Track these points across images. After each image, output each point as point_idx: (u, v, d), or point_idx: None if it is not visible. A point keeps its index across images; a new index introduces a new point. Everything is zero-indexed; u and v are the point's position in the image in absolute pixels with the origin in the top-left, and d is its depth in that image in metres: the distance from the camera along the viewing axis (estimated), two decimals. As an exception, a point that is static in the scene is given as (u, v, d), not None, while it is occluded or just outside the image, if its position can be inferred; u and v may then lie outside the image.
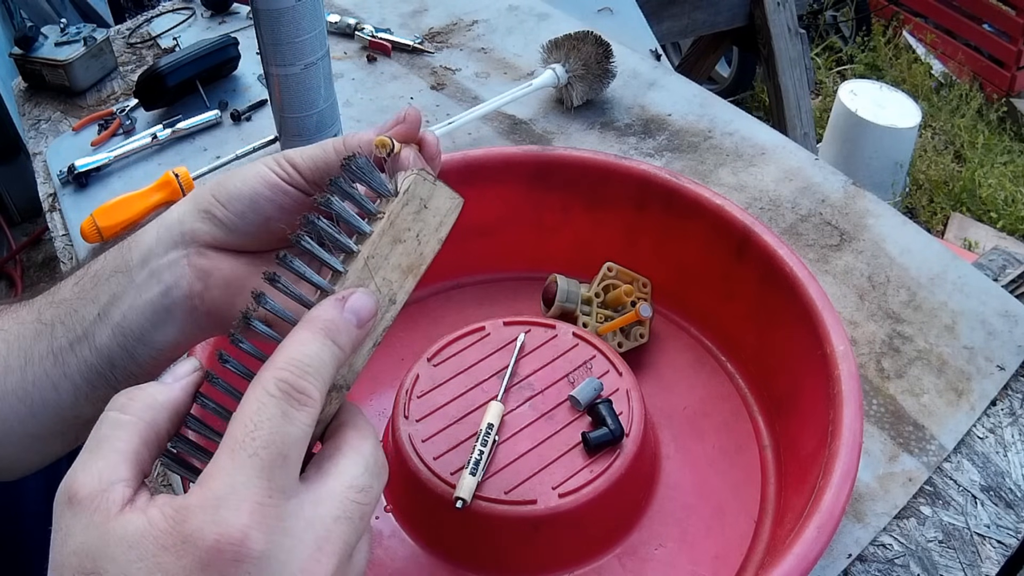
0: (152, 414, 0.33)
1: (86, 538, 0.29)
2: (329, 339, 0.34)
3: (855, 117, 2.19)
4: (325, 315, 0.35)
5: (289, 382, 0.32)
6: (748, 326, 0.64)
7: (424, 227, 0.38)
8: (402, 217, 0.38)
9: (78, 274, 0.45)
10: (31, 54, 1.05)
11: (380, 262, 0.37)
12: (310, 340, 0.34)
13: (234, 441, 0.30)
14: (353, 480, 0.33)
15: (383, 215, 0.38)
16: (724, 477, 0.60)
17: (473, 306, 0.71)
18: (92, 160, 0.92)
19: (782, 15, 2.11)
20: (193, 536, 0.28)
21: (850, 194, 0.82)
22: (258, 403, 0.31)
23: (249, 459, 0.30)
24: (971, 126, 2.60)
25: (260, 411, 0.31)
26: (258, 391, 0.32)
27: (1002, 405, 0.65)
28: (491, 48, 1.08)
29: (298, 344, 0.33)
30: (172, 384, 0.35)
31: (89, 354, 0.43)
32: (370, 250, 0.37)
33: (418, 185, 0.38)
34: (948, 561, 0.56)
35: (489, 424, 0.55)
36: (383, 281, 0.37)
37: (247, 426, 0.31)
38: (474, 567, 0.55)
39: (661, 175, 0.67)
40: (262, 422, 0.31)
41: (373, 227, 0.37)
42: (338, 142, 0.43)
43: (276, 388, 0.32)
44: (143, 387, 0.34)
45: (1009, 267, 0.78)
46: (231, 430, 0.31)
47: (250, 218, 0.43)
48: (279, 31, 0.76)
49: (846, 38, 3.01)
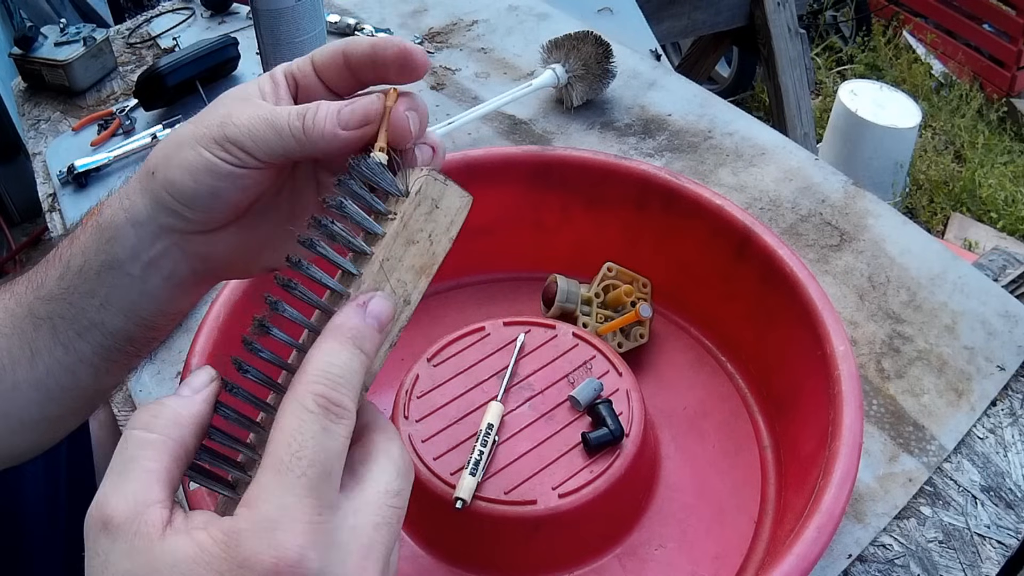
0: (179, 431, 0.32)
1: (132, 564, 0.29)
2: (357, 347, 0.34)
3: (855, 117, 2.19)
4: (350, 323, 0.34)
5: (326, 396, 0.32)
6: (748, 326, 0.64)
7: (436, 227, 0.38)
8: (415, 218, 0.37)
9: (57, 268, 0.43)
10: (31, 54, 1.05)
11: (395, 264, 0.37)
12: (340, 350, 0.33)
13: (279, 462, 0.30)
14: (388, 485, 0.33)
15: (395, 216, 0.37)
16: (724, 477, 0.60)
17: (473, 306, 0.71)
18: (92, 160, 0.92)
19: (782, 15, 2.11)
20: (250, 560, 0.28)
21: (850, 194, 0.82)
22: (298, 420, 0.31)
23: (297, 479, 0.30)
24: (971, 126, 2.60)
25: (302, 429, 0.31)
26: (296, 408, 0.31)
27: (1002, 405, 0.65)
28: (491, 48, 1.08)
29: (328, 355, 0.33)
30: (192, 397, 0.34)
31: (103, 338, 0.43)
32: (385, 252, 0.37)
33: (430, 186, 0.38)
34: (948, 561, 0.56)
35: (489, 424, 0.55)
36: (398, 282, 0.37)
37: (291, 446, 0.30)
38: (474, 567, 0.55)
39: (661, 175, 0.66)
40: (306, 441, 0.31)
41: (385, 228, 0.37)
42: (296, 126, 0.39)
43: (314, 404, 0.31)
44: (164, 403, 0.33)
45: (1009, 267, 0.78)
46: (274, 450, 0.31)
47: (217, 205, 0.41)
48: (279, 31, 0.76)
49: (846, 38, 3.01)
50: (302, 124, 0.39)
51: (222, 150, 0.39)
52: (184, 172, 0.39)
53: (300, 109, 0.39)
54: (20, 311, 0.44)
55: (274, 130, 0.39)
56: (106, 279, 0.42)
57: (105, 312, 0.43)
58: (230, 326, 0.57)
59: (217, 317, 0.57)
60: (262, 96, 0.41)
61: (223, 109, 0.40)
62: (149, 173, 0.41)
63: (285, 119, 0.39)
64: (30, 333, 0.44)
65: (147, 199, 0.41)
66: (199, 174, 0.39)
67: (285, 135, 0.39)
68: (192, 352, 0.55)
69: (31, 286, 0.44)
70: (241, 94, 0.41)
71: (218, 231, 0.42)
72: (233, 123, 0.39)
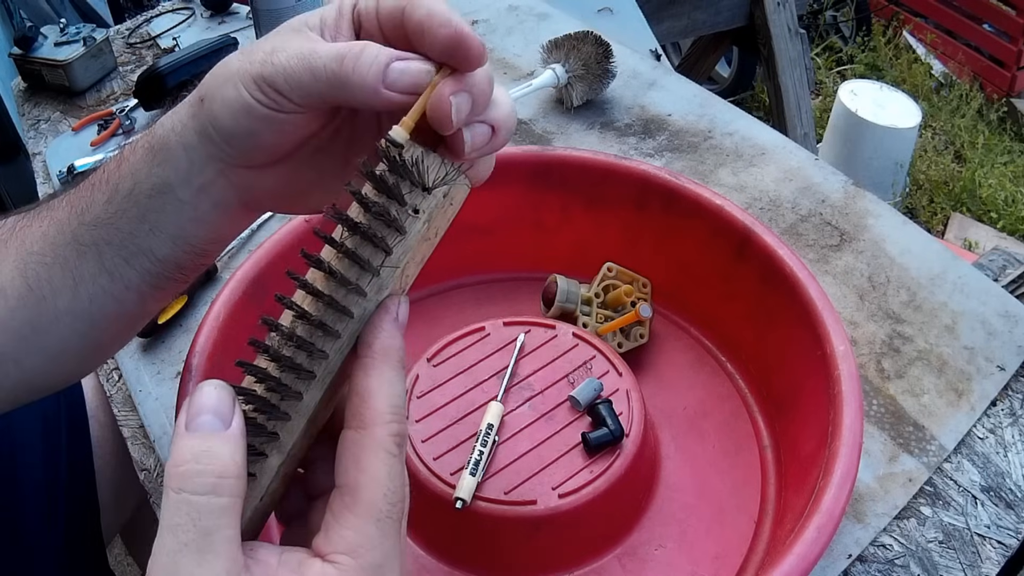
0: (241, 485, 0.30)
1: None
2: (402, 366, 0.34)
3: (855, 117, 2.19)
4: (395, 343, 0.34)
5: (400, 433, 0.32)
6: (748, 326, 0.64)
7: (443, 222, 0.36)
8: (436, 218, 0.35)
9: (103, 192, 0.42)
10: (31, 54, 1.05)
11: (409, 261, 0.35)
12: (395, 379, 0.33)
13: (376, 510, 0.31)
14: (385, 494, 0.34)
15: (416, 213, 0.34)
16: (724, 477, 0.60)
17: (473, 306, 0.71)
18: (92, 160, 0.92)
19: (782, 15, 2.11)
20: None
21: (850, 194, 0.82)
22: (387, 467, 0.32)
23: (396, 524, 0.31)
24: (971, 126, 2.60)
25: (392, 476, 0.32)
26: (381, 454, 0.32)
27: (1002, 405, 0.65)
28: (491, 48, 1.08)
29: (390, 386, 0.33)
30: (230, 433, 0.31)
31: (152, 265, 0.42)
32: (410, 255, 0.34)
33: (457, 189, 0.36)
34: (948, 561, 0.56)
35: (489, 424, 0.55)
36: (406, 278, 0.36)
37: (387, 496, 0.31)
38: (474, 567, 0.55)
39: (661, 175, 0.66)
40: (397, 488, 0.32)
41: (407, 225, 0.34)
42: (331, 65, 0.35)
43: (394, 446, 0.32)
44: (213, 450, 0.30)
45: (1009, 267, 0.78)
46: (366, 496, 0.31)
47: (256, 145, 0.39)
48: (279, 31, 0.75)
49: (846, 38, 3.01)
50: (339, 67, 0.35)
51: (258, 90, 0.36)
52: (224, 108, 0.37)
53: (341, 48, 0.35)
54: (62, 238, 0.42)
55: (310, 71, 0.35)
56: (156, 203, 0.41)
57: (154, 238, 0.41)
58: (230, 326, 0.57)
59: (217, 317, 0.57)
60: (321, 27, 0.37)
61: (275, 40, 0.37)
62: (199, 99, 0.39)
63: (322, 59, 0.35)
64: (73, 261, 0.42)
65: (195, 124, 0.39)
66: (237, 114, 0.37)
67: (320, 77, 0.35)
68: (192, 352, 0.55)
69: (74, 211, 0.42)
70: (298, 24, 0.38)
71: (264, 168, 0.41)
72: (272, 61, 0.36)
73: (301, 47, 0.36)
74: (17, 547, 0.68)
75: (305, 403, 0.34)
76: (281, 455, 0.34)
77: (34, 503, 0.70)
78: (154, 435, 0.66)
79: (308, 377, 0.34)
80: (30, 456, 0.71)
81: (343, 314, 0.34)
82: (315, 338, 0.34)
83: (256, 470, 0.33)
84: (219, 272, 0.79)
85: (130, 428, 0.70)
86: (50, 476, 0.72)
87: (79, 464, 0.75)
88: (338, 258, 0.34)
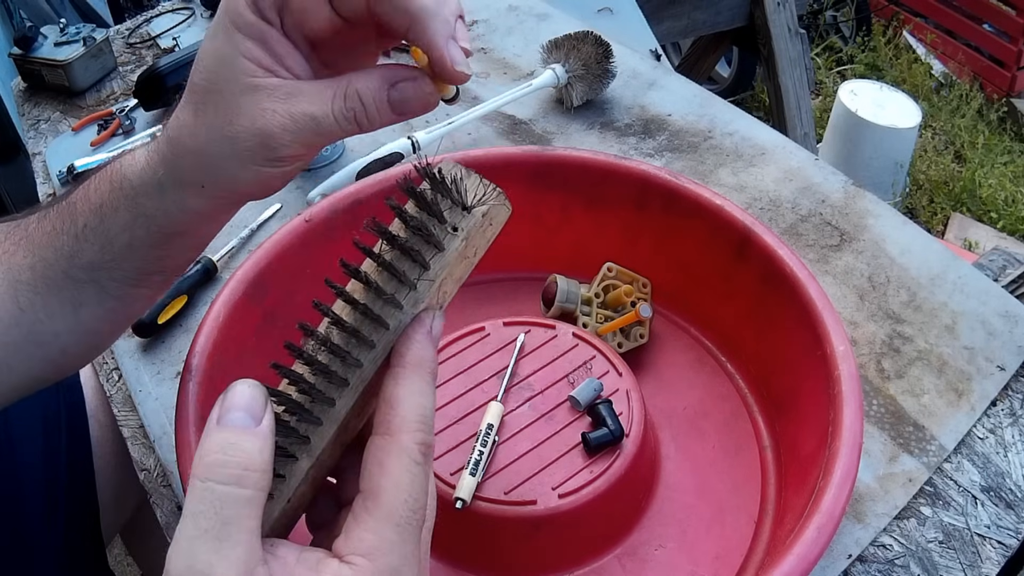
0: (265, 480, 0.31)
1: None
2: (433, 379, 0.35)
3: (855, 117, 2.19)
4: (428, 355, 0.35)
5: (426, 443, 0.33)
6: (748, 326, 0.64)
7: (482, 242, 0.37)
8: (474, 237, 0.36)
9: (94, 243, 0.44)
10: (30, 54, 1.05)
11: (447, 277, 0.36)
12: (426, 389, 0.34)
13: (396, 515, 0.32)
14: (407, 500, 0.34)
15: (454, 231, 0.35)
16: (724, 477, 0.60)
17: (473, 306, 0.71)
18: (92, 160, 0.91)
19: (782, 15, 2.11)
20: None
21: (850, 194, 0.82)
22: (410, 475, 0.32)
23: (415, 530, 0.32)
24: (971, 126, 2.60)
25: (414, 483, 0.32)
26: (406, 461, 0.32)
27: (1002, 406, 0.65)
28: (491, 48, 1.08)
29: (420, 396, 0.34)
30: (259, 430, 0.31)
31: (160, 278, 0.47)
32: (447, 271, 0.35)
33: (497, 211, 0.37)
34: (948, 562, 0.56)
35: (489, 424, 0.55)
36: (443, 295, 0.37)
37: (408, 502, 0.32)
38: (474, 567, 0.55)
39: (661, 175, 0.66)
40: (420, 495, 0.32)
41: (446, 242, 0.35)
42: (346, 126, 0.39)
43: (420, 454, 0.33)
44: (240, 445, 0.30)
45: (1009, 267, 0.78)
46: (387, 500, 0.32)
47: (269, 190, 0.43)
48: (279, 31, 0.75)
49: (846, 38, 3.01)
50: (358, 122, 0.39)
51: (278, 163, 0.40)
52: (244, 184, 0.41)
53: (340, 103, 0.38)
54: (53, 274, 0.45)
55: (324, 135, 0.39)
56: (161, 249, 0.44)
57: (162, 262, 0.45)
58: (230, 326, 0.57)
59: (217, 317, 0.57)
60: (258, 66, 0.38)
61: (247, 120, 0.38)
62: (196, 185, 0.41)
63: (334, 126, 0.38)
64: (70, 291, 0.45)
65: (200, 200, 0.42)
66: (256, 185, 0.41)
67: (340, 135, 0.39)
68: (192, 352, 0.55)
69: (61, 255, 0.44)
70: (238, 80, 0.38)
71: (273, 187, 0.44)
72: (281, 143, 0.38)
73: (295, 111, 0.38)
74: (17, 547, 0.68)
75: (337, 409, 0.34)
76: (311, 459, 0.34)
77: (34, 503, 0.70)
78: (154, 435, 0.66)
79: (341, 384, 0.34)
80: (30, 456, 0.71)
81: (379, 324, 0.35)
82: (350, 346, 0.35)
83: (285, 471, 0.34)
84: (219, 272, 0.79)
85: (130, 428, 0.70)
86: (50, 476, 0.72)
87: (79, 464, 0.75)
88: (377, 270, 0.35)
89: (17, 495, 0.69)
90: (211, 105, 0.39)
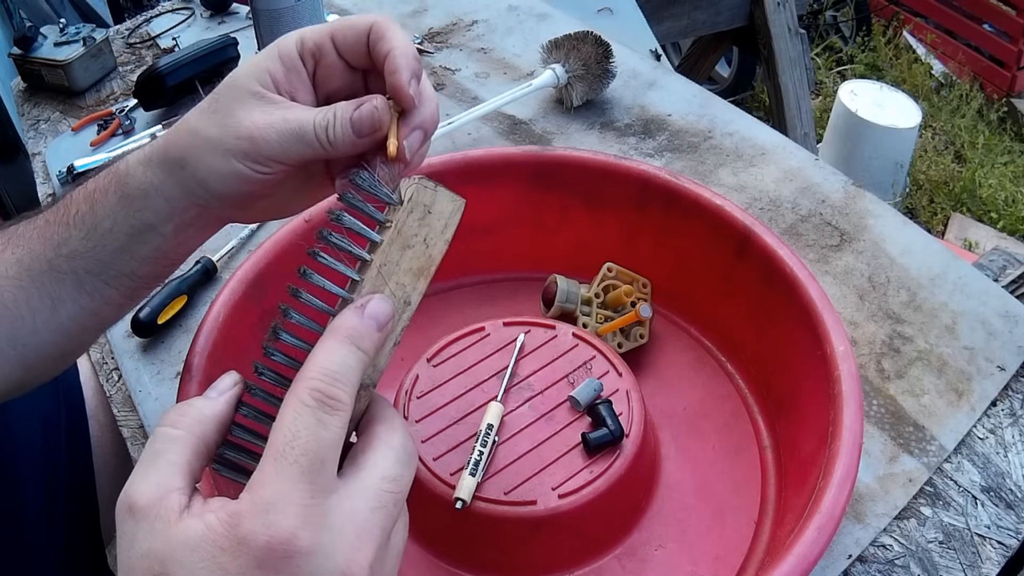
0: (201, 427, 0.36)
1: (151, 543, 0.32)
2: (354, 345, 0.36)
3: (855, 117, 2.19)
4: (348, 323, 0.37)
5: (321, 391, 0.34)
6: (748, 326, 0.64)
7: (430, 231, 0.41)
8: (408, 224, 0.40)
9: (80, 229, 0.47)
10: (30, 54, 1.05)
11: (392, 268, 0.40)
12: (337, 348, 0.36)
13: (276, 451, 0.33)
14: (385, 471, 0.35)
15: (391, 223, 0.40)
16: (724, 477, 0.60)
17: (473, 306, 0.71)
18: (91, 160, 0.91)
19: (782, 15, 2.11)
20: (247, 538, 0.31)
21: (850, 194, 0.82)
22: (294, 413, 0.34)
23: (291, 466, 0.32)
24: (971, 126, 2.60)
25: (297, 421, 0.33)
26: (294, 402, 0.34)
27: (1002, 406, 0.65)
28: (491, 48, 1.08)
29: (326, 353, 0.36)
30: (217, 399, 0.37)
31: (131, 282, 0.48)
32: (382, 258, 0.39)
33: (420, 193, 0.40)
34: (948, 562, 0.56)
35: (489, 425, 0.55)
36: (397, 285, 0.40)
37: (286, 436, 0.33)
38: (474, 567, 0.55)
39: (661, 175, 0.66)
40: (299, 431, 0.33)
41: (383, 236, 0.40)
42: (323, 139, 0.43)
43: (310, 398, 0.34)
44: (191, 403, 0.37)
45: (1009, 267, 0.78)
46: (272, 440, 0.33)
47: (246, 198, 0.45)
48: (278, 31, 0.76)
49: (846, 38, 3.01)
50: (328, 136, 0.43)
51: (255, 163, 0.43)
52: (215, 177, 0.44)
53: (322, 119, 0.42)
54: (38, 266, 0.47)
55: (304, 143, 0.43)
56: (138, 239, 0.46)
57: (135, 262, 0.47)
58: (230, 326, 0.57)
59: (217, 317, 0.57)
60: (274, 84, 0.44)
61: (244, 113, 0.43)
62: (177, 164, 0.44)
63: (312, 134, 0.43)
64: (51, 285, 0.47)
65: (175, 183, 0.45)
66: (230, 182, 0.44)
67: (315, 147, 0.43)
68: (192, 352, 0.55)
69: (49, 244, 0.47)
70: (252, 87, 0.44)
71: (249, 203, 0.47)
72: (264, 138, 0.43)
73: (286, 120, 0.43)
74: (17, 547, 0.68)
75: None
76: None
77: (34, 503, 0.70)
78: (154, 435, 0.66)
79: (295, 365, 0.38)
80: (30, 457, 0.71)
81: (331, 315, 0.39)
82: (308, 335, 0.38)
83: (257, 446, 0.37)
84: (219, 272, 0.79)
85: (130, 428, 0.70)
86: (50, 476, 0.72)
87: (79, 464, 0.75)
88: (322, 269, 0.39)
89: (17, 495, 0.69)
90: (224, 98, 0.44)
